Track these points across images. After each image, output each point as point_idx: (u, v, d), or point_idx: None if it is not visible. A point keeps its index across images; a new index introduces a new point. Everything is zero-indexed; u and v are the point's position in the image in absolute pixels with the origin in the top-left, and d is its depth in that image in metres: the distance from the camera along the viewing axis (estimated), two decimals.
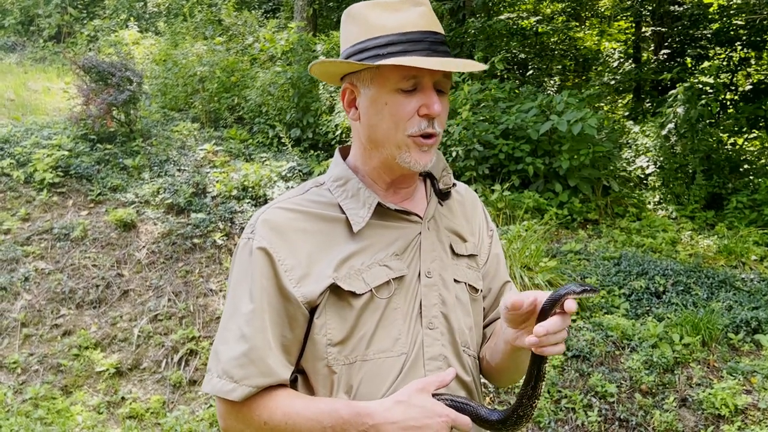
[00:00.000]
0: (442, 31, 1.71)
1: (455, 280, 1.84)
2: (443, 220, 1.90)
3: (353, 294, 1.68)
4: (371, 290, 1.70)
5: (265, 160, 9.09)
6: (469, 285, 1.88)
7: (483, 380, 1.98)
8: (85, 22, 17.48)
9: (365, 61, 1.67)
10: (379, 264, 1.73)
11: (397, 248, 1.77)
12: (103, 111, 8.89)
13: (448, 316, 1.79)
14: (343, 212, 1.76)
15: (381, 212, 1.77)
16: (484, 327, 1.98)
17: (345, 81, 1.79)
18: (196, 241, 7.37)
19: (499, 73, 11.23)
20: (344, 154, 1.89)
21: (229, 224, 7.61)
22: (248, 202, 7.99)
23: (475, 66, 1.70)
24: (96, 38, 16.18)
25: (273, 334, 1.65)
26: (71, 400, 5.93)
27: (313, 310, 1.69)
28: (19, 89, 12.84)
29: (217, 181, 8.27)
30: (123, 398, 6.01)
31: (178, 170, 8.71)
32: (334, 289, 1.68)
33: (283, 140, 9.73)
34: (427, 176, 1.94)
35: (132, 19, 16.63)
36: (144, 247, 7.45)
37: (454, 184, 1.96)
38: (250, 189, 8.18)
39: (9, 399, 5.83)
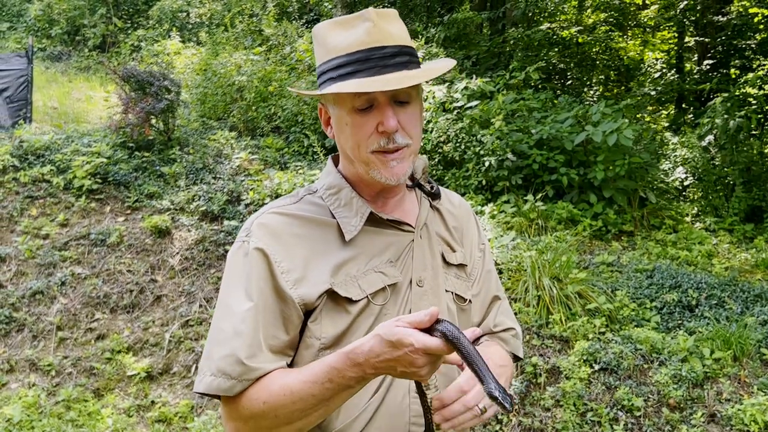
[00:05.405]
0: (396, 42, 1.69)
1: (445, 290, 1.85)
2: (434, 226, 1.91)
3: (349, 300, 1.70)
4: (367, 297, 1.71)
5: (300, 169, 9.16)
6: (456, 294, 1.88)
7: None
8: (129, 32, 17.84)
9: (322, 86, 1.72)
10: (375, 270, 1.74)
11: (392, 255, 1.78)
12: (142, 119, 9.05)
13: None
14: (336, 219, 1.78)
15: (373, 220, 1.79)
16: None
17: (320, 101, 1.83)
18: (228, 247, 7.42)
19: (533, 83, 11.16)
20: (337, 162, 1.91)
21: None
22: None
23: (429, 74, 1.69)
24: (139, 48, 16.49)
25: (265, 335, 1.65)
26: (102, 402, 6.02)
27: (308, 313, 1.70)
28: (62, 98, 13.15)
29: (251, 189, 8.35)
30: (153, 402, 6.08)
31: (214, 178, 8.82)
32: (331, 295, 1.69)
33: (315, 149, 9.80)
34: (416, 184, 1.95)
35: (174, 29, 16.90)
36: (177, 253, 7.55)
37: (432, 185, 1.96)
38: (285, 195, 8.23)
39: (42, 400, 5.94)
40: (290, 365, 1.73)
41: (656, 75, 16.17)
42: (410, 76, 1.66)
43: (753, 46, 14.00)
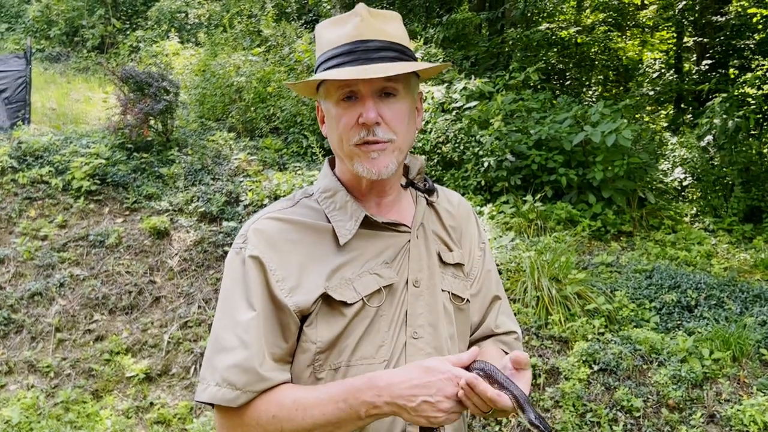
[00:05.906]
0: (386, 38, 1.69)
1: (441, 289, 1.84)
2: (431, 225, 1.90)
3: (344, 303, 1.69)
4: (362, 299, 1.70)
5: (299, 170, 9.16)
6: (453, 294, 1.87)
7: None
8: (127, 33, 17.83)
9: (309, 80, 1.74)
10: (370, 272, 1.73)
11: (387, 257, 1.77)
12: (140, 120, 9.04)
13: (436, 325, 1.79)
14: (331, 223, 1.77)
15: (368, 223, 1.77)
16: (472, 343, 1.97)
17: (317, 100, 1.84)
18: (227, 249, 7.43)
19: (532, 83, 11.15)
20: (333, 165, 1.90)
21: None
22: None
23: (412, 66, 1.67)
24: (138, 49, 16.49)
25: (267, 343, 1.65)
26: (101, 404, 6.02)
27: (304, 318, 1.69)
28: (61, 99, 13.13)
29: (250, 190, 8.35)
30: (152, 403, 6.07)
31: (212, 179, 8.82)
32: (326, 299, 1.68)
33: (314, 150, 9.80)
34: (411, 184, 1.94)
35: (173, 30, 16.89)
36: (176, 254, 7.54)
37: (425, 183, 1.96)
38: (282, 198, 8.22)
39: (41, 402, 5.93)
40: None
41: (655, 75, 16.17)
42: (389, 67, 1.64)
43: (752, 46, 14.00)
